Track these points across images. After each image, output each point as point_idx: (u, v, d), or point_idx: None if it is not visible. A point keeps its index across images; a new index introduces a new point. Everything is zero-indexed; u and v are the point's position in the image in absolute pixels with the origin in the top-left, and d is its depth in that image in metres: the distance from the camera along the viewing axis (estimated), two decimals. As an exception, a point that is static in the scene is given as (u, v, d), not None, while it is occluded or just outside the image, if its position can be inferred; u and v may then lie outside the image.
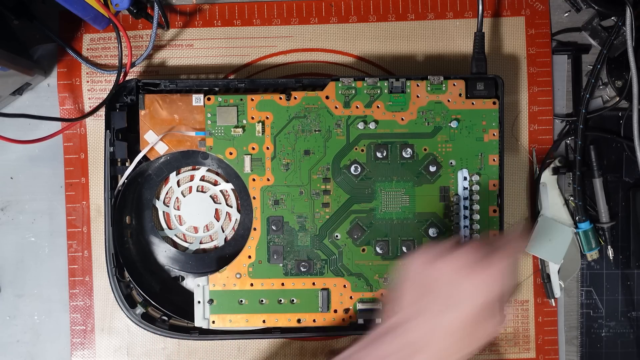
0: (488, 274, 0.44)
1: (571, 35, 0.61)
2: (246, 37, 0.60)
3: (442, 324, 0.44)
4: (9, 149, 0.60)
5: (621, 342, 0.61)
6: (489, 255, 0.45)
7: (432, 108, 0.55)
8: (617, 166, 0.61)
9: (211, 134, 0.55)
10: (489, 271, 0.44)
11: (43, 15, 0.58)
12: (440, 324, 0.44)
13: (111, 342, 0.60)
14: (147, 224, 0.59)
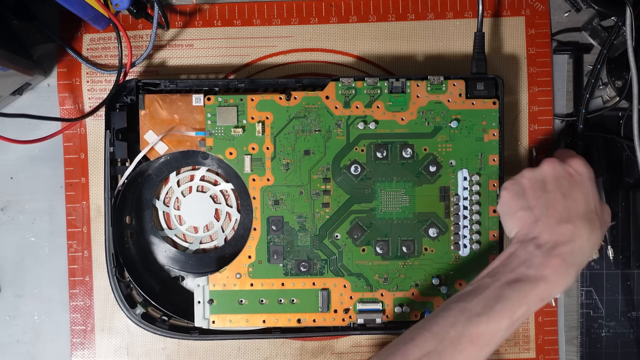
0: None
1: (571, 35, 0.61)
2: (246, 37, 0.60)
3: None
4: (9, 149, 0.60)
5: (621, 342, 0.61)
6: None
7: (432, 108, 0.55)
8: (617, 166, 0.61)
9: (211, 134, 0.55)
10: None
11: (43, 15, 0.58)
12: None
13: (111, 342, 0.60)
14: (147, 224, 0.59)
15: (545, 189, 0.49)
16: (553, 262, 0.47)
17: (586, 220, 0.48)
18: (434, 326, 0.46)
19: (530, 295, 0.46)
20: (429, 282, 0.56)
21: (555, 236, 0.48)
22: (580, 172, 0.50)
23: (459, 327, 0.45)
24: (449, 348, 0.45)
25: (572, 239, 0.47)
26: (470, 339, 0.45)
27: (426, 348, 0.45)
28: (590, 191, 0.50)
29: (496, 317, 0.45)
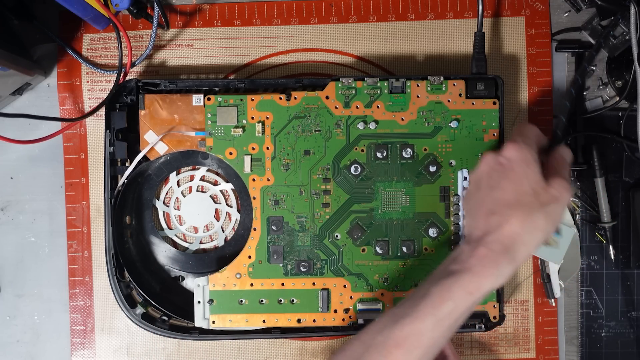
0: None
1: (571, 35, 0.61)
2: (246, 37, 0.60)
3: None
4: (9, 149, 0.60)
5: (621, 342, 0.61)
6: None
7: (432, 108, 0.55)
8: (617, 166, 0.61)
9: (211, 134, 0.55)
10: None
11: (43, 15, 0.58)
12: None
13: (111, 342, 0.60)
14: (147, 224, 0.59)
15: (479, 188, 0.49)
16: (477, 253, 0.45)
17: (516, 206, 0.46)
18: (364, 334, 0.46)
19: (454, 288, 0.44)
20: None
21: (483, 229, 0.46)
22: (510, 158, 0.47)
23: (386, 331, 0.44)
24: (374, 354, 0.44)
25: (498, 228, 0.45)
26: (396, 342, 0.44)
27: (352, 356, 0.45)
28: (521, 175, 0.47)
29: (420, 317, 0.44)
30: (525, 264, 0.60)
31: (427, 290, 0.45)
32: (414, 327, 0.44)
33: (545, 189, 0.47)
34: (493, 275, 0.45)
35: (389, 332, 0.44)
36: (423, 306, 0.44)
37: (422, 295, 0.45)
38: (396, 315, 0.45)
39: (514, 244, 0.45)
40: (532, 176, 0.47)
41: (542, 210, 0.46)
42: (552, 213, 0.47)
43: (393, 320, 0.45)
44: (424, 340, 0.44)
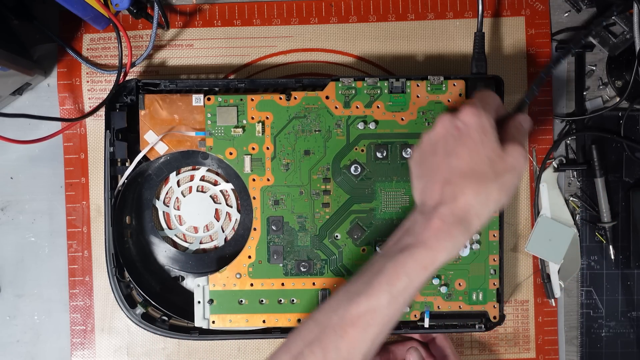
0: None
1: (571, 35, 0.61)
2: (246, 37, 0.60)
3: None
4: (9, 149, 0.60)
5: (621, 342, 0.61)
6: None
7: (432, 108, 0.55)
8: (617, 166, 0.61)
9: (211, 134, 0.55)
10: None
11: (43, 15, 0.58)
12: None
13: (111, 342, 0.60)
14: (147, 224, 0.59)
15: (435, 151, 0.46)
16: (431, 225, 0.44)
17: (471, 176, 0.44)
18: (318, 313, 0.45)
19: (409, 264, 0.43)
20: (429, 282, 0.56)
21: (437, 199, 0.45)
22: (467, 123, 0.45)
23: (341, 310, 0.44)
24: (331, 334, 0.43)
25: (453, 199, 0.44)
26: (351, 321, 0.43)
27: (308, 338, 0.44)
28: (477, 142, 0.45)
29: (374, 293, 0.43)
30: (525, 264, 0.60)
31: (381, 266, 0.44)
32: (369, 304, 0.43)
33: (501, 157, 0.45)
34: (447, 248, 0.44)
35: (344, 311, 0.43)
36: (377, 283, 0.43)
37: (376, 271, 0.44)
38: (350, 292, 0.44)
39: (468, 215, 0.44)
40: (488, 144, 0.45)
41: (496, 181, 0.45)
42: (507, 183, 0.45)
43: (347, 298, 0.44)
44: (379, 318, 0.43)
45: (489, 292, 0.56)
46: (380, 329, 0.44)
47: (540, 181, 0.60)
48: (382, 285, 0.43)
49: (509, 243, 0.60)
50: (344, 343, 0.43)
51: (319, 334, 0.44)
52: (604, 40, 0.59)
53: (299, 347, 0.44)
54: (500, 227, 0.56)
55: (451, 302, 0.56)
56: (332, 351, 0.43)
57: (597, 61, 0.61)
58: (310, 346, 0.43)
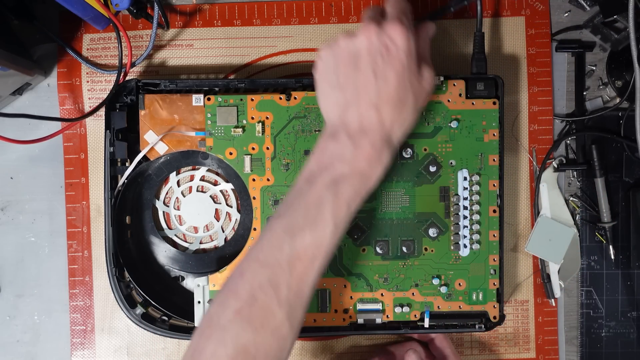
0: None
1: (571, 35, 0.61)
2: (246, 37, 0.60)
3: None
4: (9, 149, 0.60)
5: (621, 342, 0.61)
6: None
7: (432, 108, 0.55)
8: (617, 166, 0.61)
9: (211, 134, 0.55)
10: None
11: (43, 15, 0.58)
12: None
13: (111, 342, 0.60)
14: (147, 224, 0.59)
15: (358, 66, 0.46)
16: (364, 153, 0.45)
17: (397, 102, 0.46)
18: (261, 254, 0.44)
19: (349, 193, 0.45)
20: (429, 282, 0.56)
21: (364, 123, 0.46)
22: (398, 44, 0.46)
23: (286, 247, 0.44)
24: (280, 273, 0.43)
25: (381, 125, 0.46)
26: (298, 256, 0.43)
27: (257, 280, 0.43)
28: (405, 68, 0.46)
29: (319, 226, 0.44)
30: (525, 264, 0.60)
31: (320, 197, 0.44)
32: (314, 237, 0.44)
33: (419, 81, 0.47)
34: (379, 173, 0.46)
35: (290, 247, 0.44)
36: (321, 215, 0.44)
37: (315, 203, 0.44)
38: (292, 227, 0.44)
39: (392, 137, 0.47)
40: (412, 69, 0.47)
41: (415, 105, 0.47)
42: (421, 104, 0.49)
43: (290, 234, 0.44)
44: (324, 249, 0.44)
45: (489, 292, 0.56)
46: (325, 257, 0.45)
47: (540, 181, 0.60)
48: (326, 218, 0.44)
49: (509, 243, 0.60)
50: (293, 279, 0.43)
51: (268, 274, 0.43)
52: (605, 36, 0.59)
53: (248, 290, 0.43)
54: (500, 227, 0.56)
55: (451, 302, 0.56)
56: (284, 289, 0.43)
57: (597, 61, 0.61)
58: (261, 288, 0.43)
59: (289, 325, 0.43)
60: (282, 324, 0.43)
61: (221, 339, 0.42)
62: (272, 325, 0.43)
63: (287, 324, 0.43)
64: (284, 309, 0.43)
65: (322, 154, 0.46)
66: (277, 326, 0.43)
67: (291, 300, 0.43)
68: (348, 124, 0.46)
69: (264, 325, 0.43)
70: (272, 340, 0.43)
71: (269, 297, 0.43)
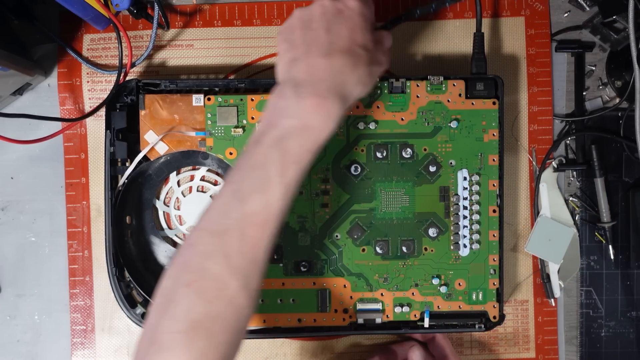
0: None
1: (570, 35, 0.61)
2: (246, 37, 0.60)
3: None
4: (10, 149, 0.60)
5: (621, 342, 0.61)
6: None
7: (432, 108, 0.55)
8: (617, 166, 0.61)
9: (211, 134, 0.55)
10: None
11: (43, 16, 0.58)
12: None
13: (111, 342, 0.60)
14: (147, 224, 0.59)
15: (311, 27, 0.46)
16: (308, 103, 0.43)
17: (350, 55, 0.45)
18: (209, 222, 0.42)
19: (295, 150, 0.42)
20: (429, 282, 0.56)
21: (312, 73, 0.44)
22: (351, 7, 0.46)
23: (234, 213, 0.41)
24: (230, 240, 0.41)
25: (331, 75, 0.44)
26: (248, 221, 0.41)
27: (207, 250, 0.41)
28: (358, 25, 0.46)
29: (269, 189, 0.42)
30: (525, 264, 0.60)
31: (266, 158, 0.42)
32: (264, 200, 0.42)
33: (375, 49, 0.47)
34: (329, 127, 0.43)
35: (239, 212, 0.42)
36: (268, 177, 0.42)
37: (261, 163, 0.42)
38: (240, 192, 0.42)
39: (344, 90, 0.44)
40: (367, 32, 0.46)
41: (369, 67, 0.46)
42: (375, 72, 0.47)
43: (238, 198, 0.42)
44: (275, 210, 0.42)
45: (489, 292, 0.56)
46: (277, 220, 0.42)
47: (540, 181, 0.60)
48: (274, 178, 0.42)
49: (508, 243, 0.60)
50: (246, 245, 0.41)
51: (219, 243, 0.41)
52: (605, 36, 0.59)
53: (198, 261, 0.41)
54: (500, 227, 0.56)
55: (451, 302, 0.56)
56: (236, 256, 0.41)
57: (597, 61, 0.61)
58: (212, 257, 0.41)
59: (245, 294, 0.41)
60: (237, 293, 0.41)
61: (173, 314, 0.40)
62: (226, 296, 0.40)
63: (243, 293, 0.41)
64: (238, 278, 0.41)
65: (269, 112, 0.44)
66: (232, 296, 0.41)
67: (245, 268, 0.41)
68: (295, 77, 0.44)
69: (218, 297, 0.40)
70: (228, 310, 0.41)
71: (220, 267, 0.41)
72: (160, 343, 0.40)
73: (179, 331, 0.40)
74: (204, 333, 0.40)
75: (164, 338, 0.40)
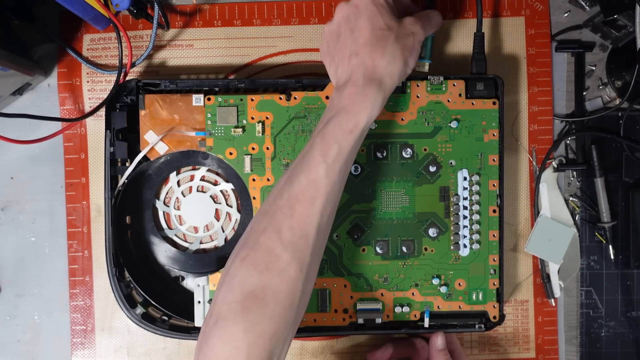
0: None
1: (571, 35, 0.61)
2: (246, 37, 0.60)
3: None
4: (10, 149, 0.60)
5: (621, 342, 0.61)
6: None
7: (432, 108, 0.55)
8: (617, 166, 0.61)
9: (211, 134, 0.55)
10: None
11: (43, 16, 0.58)
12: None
13: (111, 342, 0.60)
14: (147, 224, 0.59)
15: (339, 35, 0.49)
16: (346, 92, 0.47)
17: (374, 42, 0.47)
18: (266, 205, 0.47)
19: (335, 131, 0.46)
20: (429, 282, 0.56)
21: (349, 72, 0.48)
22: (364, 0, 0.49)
23: (284, 193, 0.46)
24: (280, 217, 0.45)
25: (362, 66, 0.47)
26: (296, 198, 0.45)
27: (261, 228, 0.45)
28: (375, 12, 0.48)
29: (310, 168, 0.45)
30: (525, 264, 0.60)
31: (311, 143, 0.47)
32: (308, 178, 0.45)
33: (399, 24, 0.49)
34: (366, 108, 0.46)
35: (287, 192, 0.45)
36: (312, 157, 0.46)
37: (307, 149, 0.47)
38: (290, 176, 0.46)
39: (377, 74, 0.47)
40: (385, 14, 0.48)
41: (398, 42, 0.48)
42: (409, 44, 0.49)
43: (287, 182, 0.46)
44: (321, 188, 0.45)
45: (489, 292, 0.56)
46: (325, 199, 0.45)
47: (540, 181, 0.60)
48: (317, 158, 0.46)
49: (509, 243, 0.60)
50: (294, 221, 0.45)
51: (271, 220, 0.45)
52: (606, 34, 0.59)
53: (252, 238, 0.45)
54: (500, 227, 0.56)
55: (451, 302, 0.56)
56: (286, 231, 0.45)
57: (597, 61, 0.61)
58: (265, 233, 0.45)
59: (296, 266, 0.44)
60: (288, 265, 0.44)
61: (229, 285, 0.44)
62: (277, 267, 0.44)
63: (294, 265, 0.44)
64: (289, 251, 0.44)
65: (322, 117, 0.49)
66: (283, 268, 0.44)
67: (295, 242, 0.45)
68: (339, 80, 0.49)
69: (269, 268, 0.44)
70: (280, 282, 0.44)
71: (272, 241, 0.44)
72: (218, 313, 0.44)
73: (234, 301, 0.43)
74: (258, 303, 0.43)
75: (222, 309, 0.44)
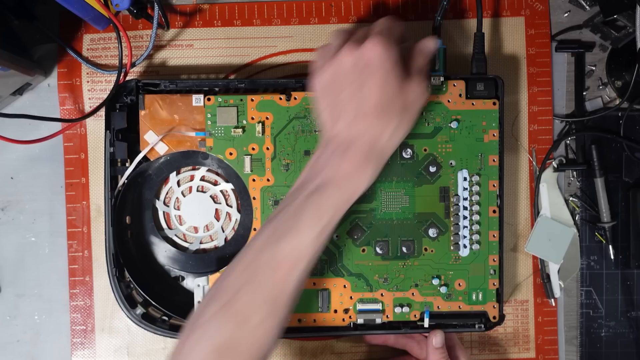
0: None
1: (571, 35, 0.61)
2: (246, 37, 0.60)
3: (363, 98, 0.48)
4: (10, 149, 0.60)
5: (621, 342, 0.61)
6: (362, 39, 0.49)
7: (432, 108, 0.55)
8: (617, 166, 0.61)
9: (211, 135, 0.55)
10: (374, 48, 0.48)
11: (43, 16, 0.58)
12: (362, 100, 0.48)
13: (111, 342, 0.60)
14: (147, 224, 0.59)
15: (342, 83, 0.48)
16: (349, 160, 0.47)
17: (380, 112, 0.48)
18: (247, 255, 0.47)
19: (333, 199, 0.47)
20: (429, 282, 0.56)
21: (352, 133, 0.48)
22: (376, 57, 0.47)
23: (269, 250, 0.46)
24: (260, 275, 0.45)
25: (366, 133, 0.48)
26: (280, 260, 0.45)
27: (239, 282, 0.45)
28: (384, 78, 0.47)
29: (302, 231, 0.46)
30: (525, 264, 0.60)
31: (304, 204, 0.46)
32: (294, 244, 0.46)
33: (405, 91, 0.48)
34: (367, 179, 0.48)
35: (272, 251, 0.46)
36: (303, 221, 0.46)
37: (299, 209, 0.46)
38: (276, 232, 0.46)
39: (379, 147, 0.48)
40: (394, 79, 0.48)
41: (403, 114, 0.49)
42: (412, 115, 0.50)
43: (275, 238, 0.46)
44: (308, 253, 0.46)
45: (489, 292, 0.56)
46: (307, 263, 0.46)
47: (540, 181, 0.60)
48: (307, 223, 0.46)
49: (508, 243, 0.60)
50: (277, 280, 0.45)
51: (249, 276, 0.45)
52: (606, 34, 0.59)
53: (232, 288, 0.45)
54: (500, 227, 0.56)
55: (451, 302, 0.56)
56: (267, 288, 0.45)
57: (597, 61, 0.61)
58: (245, 285, 0.45)
59: (272, 321, 0.45)
60: (264, 320, 0.45)
61: (201, 335, 0.44)
62: (254, 321, 0.44)
63: (270, 320, 0.45)
64: (267, 307, 0.45)
65: (314, 162, 0.49)
66: (260, 322, 0.45)
67: (275, 298, 0.45)
68: (338, 134, 0.48)
69: (246, 321, 0.44)
70: (254, 336, 0.45)
71: (250, 295, 0.45)
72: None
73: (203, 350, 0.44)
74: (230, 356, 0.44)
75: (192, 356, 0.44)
